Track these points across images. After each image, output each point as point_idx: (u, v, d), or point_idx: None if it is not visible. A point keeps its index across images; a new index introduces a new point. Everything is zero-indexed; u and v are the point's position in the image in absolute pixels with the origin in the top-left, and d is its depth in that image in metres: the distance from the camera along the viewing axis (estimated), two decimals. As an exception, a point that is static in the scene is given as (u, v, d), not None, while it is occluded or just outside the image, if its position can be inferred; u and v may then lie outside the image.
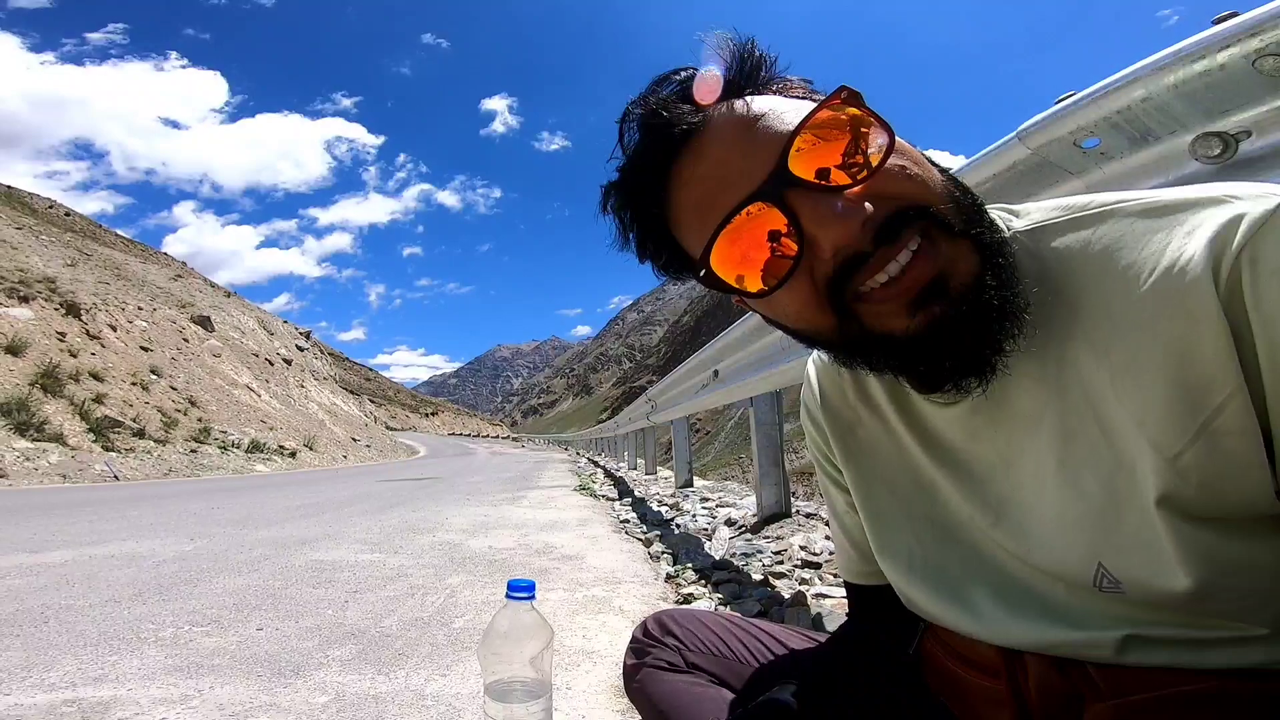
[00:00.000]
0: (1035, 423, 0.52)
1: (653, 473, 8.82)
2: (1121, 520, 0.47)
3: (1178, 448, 0.43)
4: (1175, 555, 0.45)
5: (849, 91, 0.48)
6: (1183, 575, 0.45)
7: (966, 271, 0.47)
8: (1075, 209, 0.52)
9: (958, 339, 0.48)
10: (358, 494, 6.61)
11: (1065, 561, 0.51)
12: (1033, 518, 0.53)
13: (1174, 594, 0.46)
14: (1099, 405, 0.48)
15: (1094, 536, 0.49)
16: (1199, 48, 0.94)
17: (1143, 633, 0.49)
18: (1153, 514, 0.45)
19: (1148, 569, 0.46)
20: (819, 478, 0.79)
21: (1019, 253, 0.52)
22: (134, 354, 15.64)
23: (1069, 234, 0.51)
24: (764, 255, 0.49)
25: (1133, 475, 0.46)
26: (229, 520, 4.36)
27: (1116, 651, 0.49)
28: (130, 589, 2.34)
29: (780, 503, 3.52)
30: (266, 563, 2.85)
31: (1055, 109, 1.16)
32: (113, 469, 9.52)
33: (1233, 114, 0.96)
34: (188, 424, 13.77)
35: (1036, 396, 0.51)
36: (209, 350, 20.04)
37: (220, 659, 1.58)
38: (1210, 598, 0.45)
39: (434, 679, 1.46)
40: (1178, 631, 0.48)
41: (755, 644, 0.86)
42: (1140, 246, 0.46)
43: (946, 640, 0.64)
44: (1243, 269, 0.41)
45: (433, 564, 2.83)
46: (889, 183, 0.47)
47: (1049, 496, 0.51)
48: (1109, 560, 0.48)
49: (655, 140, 0.52)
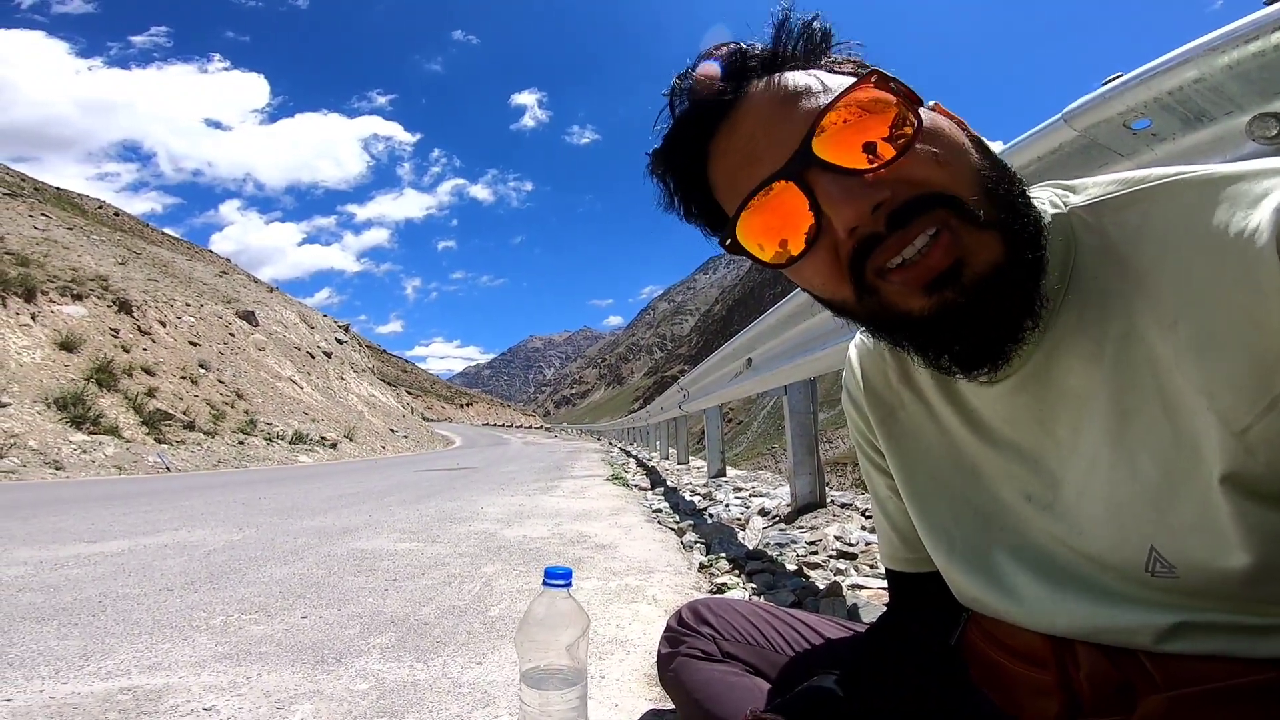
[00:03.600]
0: (1087, 401, 0.50)
1: (685, 462, 8.82)
2: (1179, 501, 0.46)
3: (1246, 421, 0.42)
4: (1236, 535, 0.43)
5: (879, 75, 0.48)
6: (1243, 555, 0.43)
7: (985, 261, 0.47)
8: (1134, 182, 0.50)
9: (966, 326, 0.48)
10: (396, 484, 6.76)
11: (1117, 545, 0.50)
12: (1084, 500, 0.52)
13: (1231, 576, 0.44)
14: (1164, 381, 0.46)
15: (1149, 519, 0.48)
16: (1254, 28, 0.91)
17: (1194, 619, 0.47)
18: (1215, 493, 0.44)
19: (1205, 551, 0.45)
20: (861, 462, 0.78)
21: (1078, 227, 0.51)
22: (183, 349, 16.21)
23: (1130, 208, 0.49)
24: (786, 228, 0.50)
25: (1195, 453, 0.45)
26: (274, 510, 4.50)
27: (1165, 638, 0.48)
28: (183, 578, 2.43)
29: (815, 492, 3.48)
30: (310, 551, 2.93)
31: (1103, 90, 1.12)
32: (165, 460, 9.90)
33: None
34: (235, 416, 14.24)
35: (1090, 375, 0.50)
36: (254, 344, 20.66)
37: (267, 646, 1.63)
38: (1270, 580, 0.43)
39: (470, 666, 1.48)
40: (1231, 618, 0.46)
41: (791, 633, 0.85)
42: (1204, 219, 0.44)
43: (990, 630, 0.62)
44: None
45: (469, 553, 2.88)
46: (914, 168, 0.47)
47: (1101, 477, 0.50)
48: (1163, 543, 0.47)
49: (693, 112, 0.55)
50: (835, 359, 2.60)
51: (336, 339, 31.87)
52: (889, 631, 0.77)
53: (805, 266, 0.52)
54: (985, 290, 0.47)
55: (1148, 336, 0.47)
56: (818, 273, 0.52)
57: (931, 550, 0.66)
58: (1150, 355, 0.47)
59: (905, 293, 0.49)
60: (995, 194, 0.48)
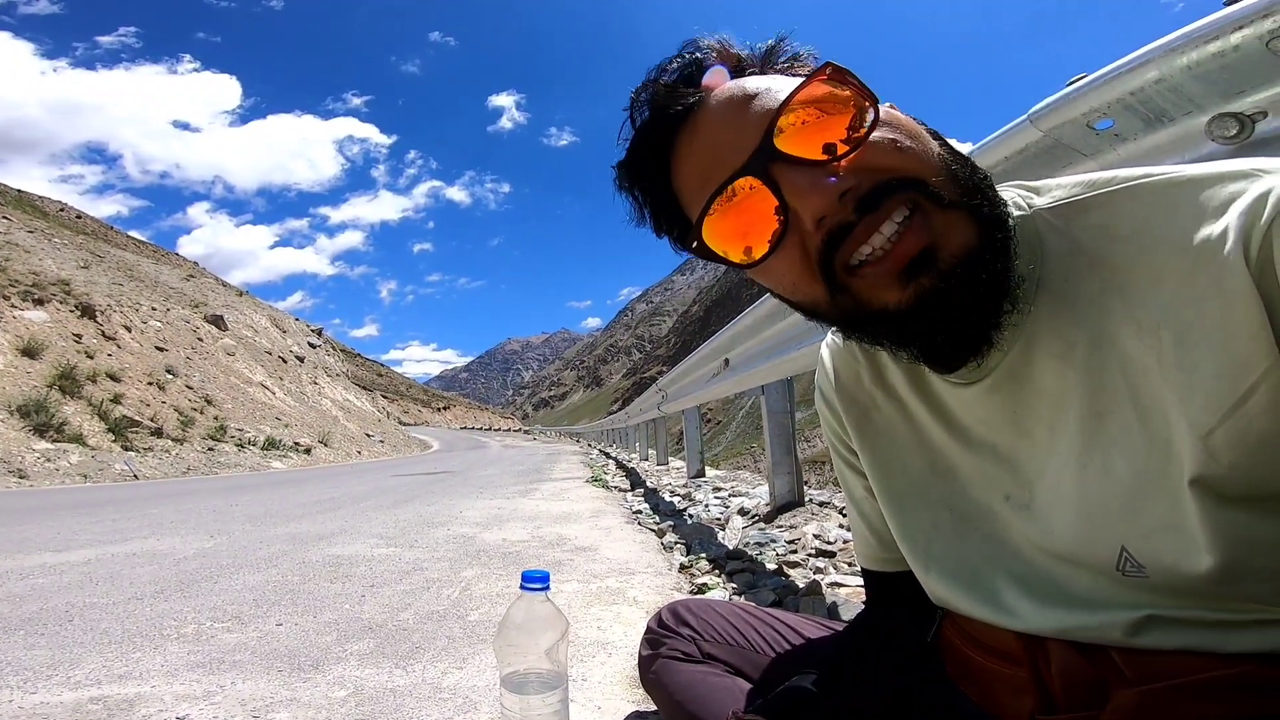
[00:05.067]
0: (1061, 402, 0.51)
1: (664, 463, 8.83)
2: (1149, 503, 0.47)
3: (1210, 425, 0.43)
4: (1203, 537, 0.44)
5: (834, 68, 0.48)
6: (1209, 557, 0.44)
7: (959, 244, 0.47)
8: (1100, 184, 0.51)
9: (949, 312, 0.48)
10: (372, 489, 6.67)
11: (1088, 545, 0.50)
12: (1057, 500, 0.52)
13: (1199, 577, 0.45)
14: (1138, 384, 0.47)
15: (1119, 520, 0.48)
16: (1213, 29, 0.93)
17: (1164, 614, 0.48)
18: (1185, 495, 0.45)
19: (1174, 553, 0.46)
20: (835, 462, 0.78)
21: (1044, 229, 0.52)
22: (149, 354, 15.81)
23: (1096, 210, 0.50)
24: (753, 228, 0.50)
25: (1167, 456, 0.46)
26: (247, 517, 4.42)
27: (1135, 632, 0.49)
28: (152, 586, 2.38)
29: (793, 491, 3.51)
30: (285, 558, 2.88)
31: (1067, 90, 1.15)
32: (132, 468, 9.65)
33: (1248, 95, 0.95)
34: (204, 422, 13.93)
35: (1063, 375, 0.51)
36: (223, 349, 20.23)
37: (241, 654, 1.60)
38: (1236, 580, 0.44)
39: (451, 672, 1.47)
40: (1200, 614, 0.47)
41: (771, 633, 0.86)
42: (1172, 223, 0.45)
43: (965, 628, 0.63)
44: (1274, 241, 0.40)
45: (448, 557, 2.85)
46: (876, 156, 0.47)
47: (1074, 478, 0.51)
48: (1133, 544, 0.48)
49: (655, 119, 0.54)
50: (811, 358, 2.62)
51: (309, 343, 31.35)
52: (867, 630, 0.78)
53: (774, 266, 0.51)
54: (962, 273, 0.46)
55: (1120, 339, 0.47)
56: (788, 271, 0.51)
57: (907, 552, 0.66)
58: (1123, 358, 0.47)
59: (880, 286, 0.48)
60: (958, 177, 0.49)
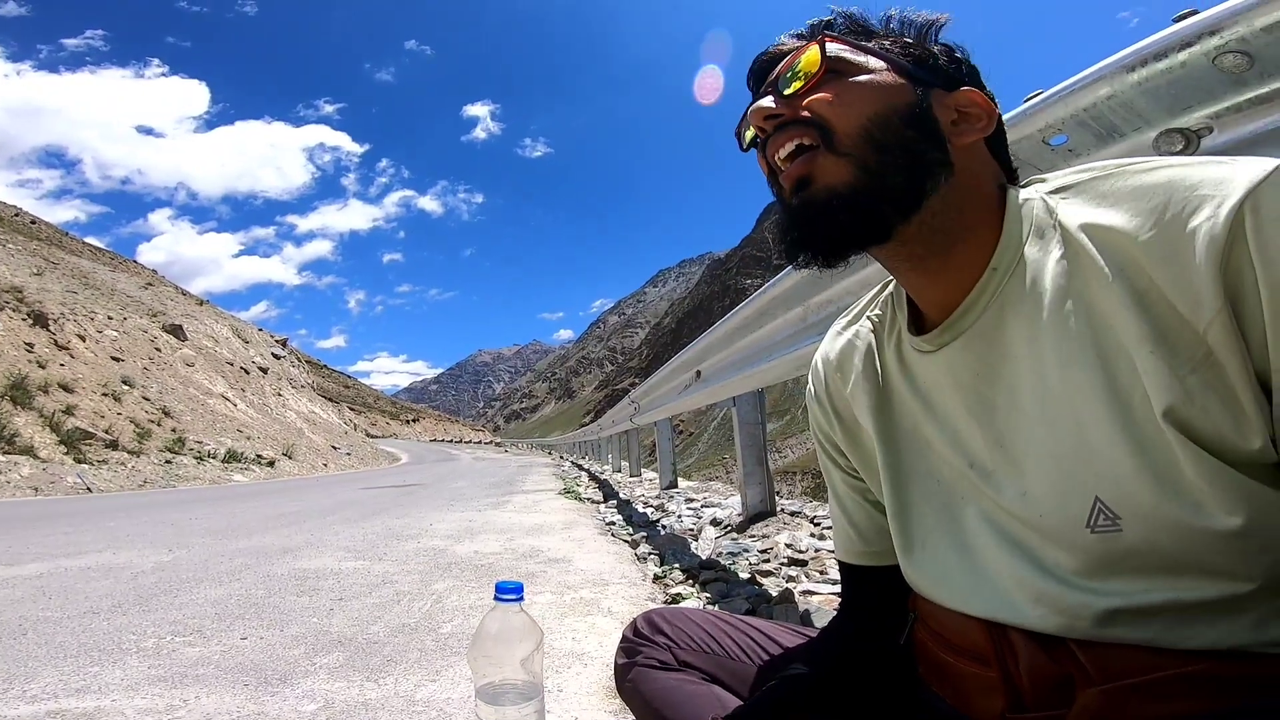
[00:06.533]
0: (1030, 358, 0.55)
1: (637, 475, 8.83)
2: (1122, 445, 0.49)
3: (1185, 369, 0.47)
4: (1177, 475, 0.47)
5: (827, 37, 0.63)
6: (1185, 498, 0.47)
7: (827, 183, 0.59)
8: (1093, 169, 0.57)
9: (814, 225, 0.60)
10: (340, 502, 6.53)
11: (1061, 500, 0.53)
12: (1028, 457, 0.55)
13: (1171, 524, 0.47)
14: (1102, 332, 0.51)
15: (1091, 468, 0.51)
16: (1161, 45, 0.97)
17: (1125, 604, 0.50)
18: (1159, 428, 0.48)
19: (1148, 493, 0.48)
20: (820, 458, 0.82)
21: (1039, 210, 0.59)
22: (104, 364, 15.30)
23: (1086, 192, 0.56)
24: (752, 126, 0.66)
25: (1131, 396, 0.49)
26: (208, 530, 4.29)
27: (1095, 621, 0.51)
28: (109, 600, 2.30)
29: (765, 501, 3.55)
30: (248, 572, 2.81)
31: (1024, 107, 1.19)
32: (86, 481, 9.30)
33: (1194, 110, 0.99)
34: (162, 434, 13.50)
35: (1033, 331, 0.55)
36: (182, 360, 19.67)
37: (205, 668, 1.56)
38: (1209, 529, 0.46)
39: (424, 684, 1.46)
40: (1165, 596, 0.49)
41: (746, 640, 0.87)
42: (1153, 196, 0.50)
43: (935, 629, 0.65)
44: (1245, 215, 0.44)
45: (418, 570, 2.81)
46: (813, 102, 0.61)
47: (1044, 433, 0.54)
48: (1107, 491, 0.50)
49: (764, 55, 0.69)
50: (782, 370, 2.66)
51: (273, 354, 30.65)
52: (841, 635, 0.80)
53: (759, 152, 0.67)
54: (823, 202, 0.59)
55: (1088, 293, 0.52)
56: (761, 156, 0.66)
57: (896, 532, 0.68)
58: (1088, 309, 0.52)
59: (786, 186, 0.62)
60: (872, 138, 0.58)
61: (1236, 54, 0.90)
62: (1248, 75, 0.91)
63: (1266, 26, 0.86)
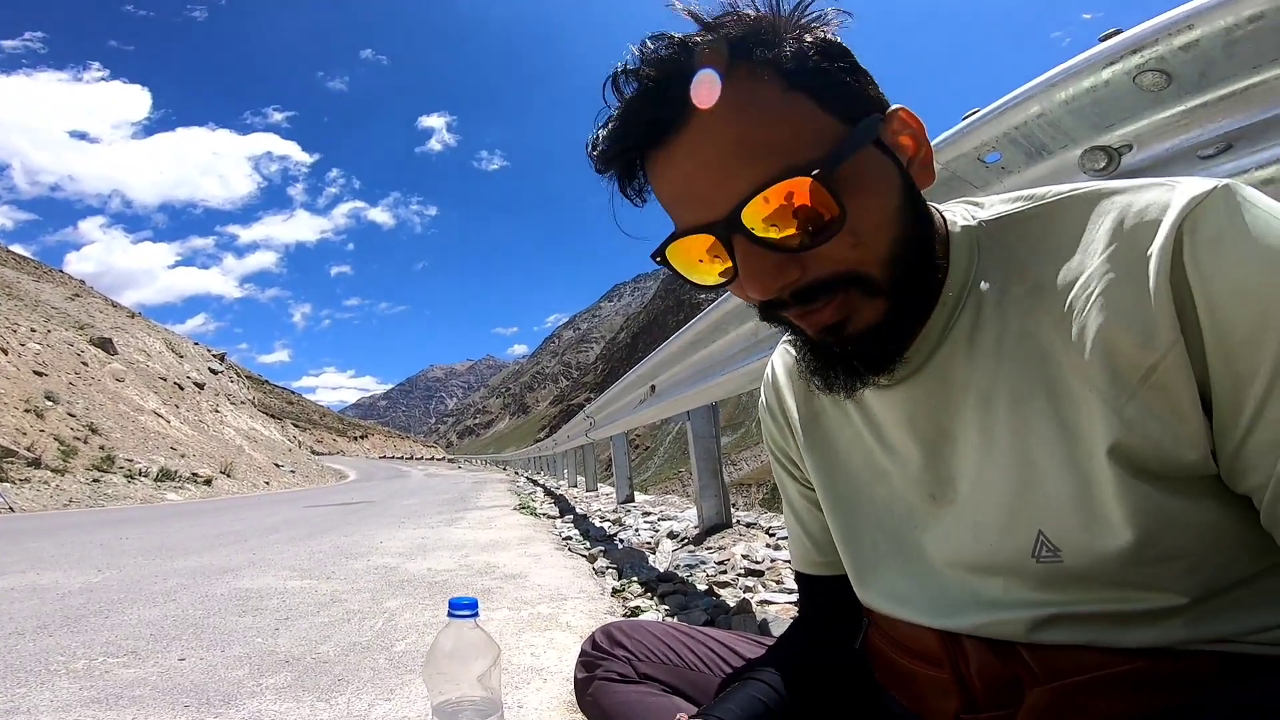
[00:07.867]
0: (982, 395, 0.56)
1: (594, 489, 8.78)
2: (1065, 483, 0.51)
3: (1124, 399, 0.48)
4: (1117, 512, 0.48)
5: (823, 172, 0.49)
6: (1123, 533, 0.48)
7: (865, 322, 0.54)
8: (1036, 198, 0.58)
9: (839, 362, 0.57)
10: (283, 520, 6.28)
11: (1007, 532, 0.54)
12: (976, 491, 0.56)
13: (1111, 556, 0.49)
14: (1051, 370, 0.52)
15: (1037, 502, 0.52)
16: (1086, 64, 0.98)
17: (1066, 611, 0.52)
18: (1101, 469, 0.49)
19: (1088, 530, 0.50)
20: (775, 470, 0.83)
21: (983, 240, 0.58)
22: (26, 379, 14.40)
23: (1032, 221, 0.57)
24: (710, 264, 0.56)
25: (1077, 435, 0.50)
26: (140, 550, 4.07)
27: (1038, 628, 0.53)
28: (33, 621, 2.17)
29: (721, 514, 3.58)
30: (184, 592, 2.68)
31: (961, 126, 1.21)
32: (7, 500, 8.71)
33: (1116, 128, 1.01)
34: (89, 452, 12.75)
35: (985, 369, 0.56)
36: (111, 374, 18.66)
37: (141, 690, 1.49)
38: (1145, 561, 0.48)
39: (378, 703, 1.42)
40: (1101, 607, 0.51)
41: (705, 651, 0.87)
42: (1097, 225, 0.51)
43: (890, 633, 0.67)
44: (1184, 238, 0.46)
45: (369, 588, 2.73)
46: (831, 250, 0.51)
47: (994, 466, 0.55)
48: (1050, 526, 0.52)
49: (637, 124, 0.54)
50: (735, 384, 2.70)
51: (210, 368, 29.37)
52: (798, 641, 0.81)
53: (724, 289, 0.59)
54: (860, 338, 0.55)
55: (1039, 332, 0.53)
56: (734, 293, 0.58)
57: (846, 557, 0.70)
58: (1040, 349, 0.53)
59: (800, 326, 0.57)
60: (900, 260, 0.53)
61: (1155, 72, 0.93)
62: (1165, 94, 0.95)
63: (1184, 45, 0.89)
